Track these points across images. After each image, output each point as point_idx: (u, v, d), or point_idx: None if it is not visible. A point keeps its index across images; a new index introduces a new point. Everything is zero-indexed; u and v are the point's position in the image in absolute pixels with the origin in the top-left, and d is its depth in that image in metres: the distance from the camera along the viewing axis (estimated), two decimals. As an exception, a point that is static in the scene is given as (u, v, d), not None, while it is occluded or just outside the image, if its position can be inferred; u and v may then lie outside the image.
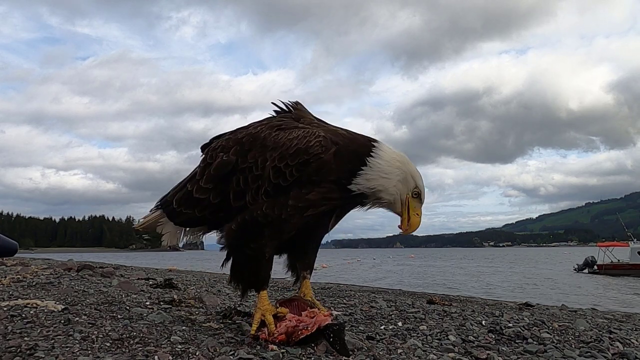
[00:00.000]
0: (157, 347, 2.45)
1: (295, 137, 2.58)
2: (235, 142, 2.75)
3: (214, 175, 2.78)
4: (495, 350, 2.83)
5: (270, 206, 2.60)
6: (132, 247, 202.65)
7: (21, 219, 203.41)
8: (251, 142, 2.69)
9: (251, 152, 2.66)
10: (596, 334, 3.58)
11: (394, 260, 65.48)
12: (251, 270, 2.78)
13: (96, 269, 7.03)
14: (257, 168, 2.61)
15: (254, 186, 2.62)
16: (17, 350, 2.23)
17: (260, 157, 2.61)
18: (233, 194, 2.69)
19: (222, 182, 2.74)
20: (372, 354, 2.58)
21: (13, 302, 3.28)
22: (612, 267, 33.31)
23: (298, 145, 2.54)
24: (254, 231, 2.67)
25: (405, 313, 4.11)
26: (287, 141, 2.58)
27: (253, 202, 2.65)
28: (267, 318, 2.68)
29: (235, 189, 2.68)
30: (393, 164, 2.72)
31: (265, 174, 2.59)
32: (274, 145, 2.60)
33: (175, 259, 52.42)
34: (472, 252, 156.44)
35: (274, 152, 2.58)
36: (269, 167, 2.58)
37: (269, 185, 2.59)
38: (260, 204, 2.63)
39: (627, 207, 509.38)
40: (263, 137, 2.66)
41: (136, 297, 4.19)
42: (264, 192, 2.60)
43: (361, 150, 2.71)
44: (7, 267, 7.05)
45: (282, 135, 2.62)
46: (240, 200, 2.67)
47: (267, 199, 2.61)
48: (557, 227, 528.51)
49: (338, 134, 2.73)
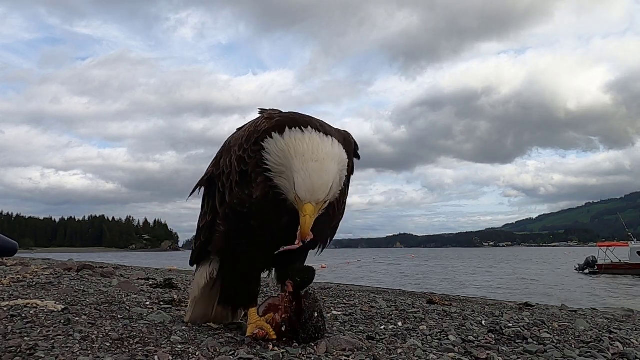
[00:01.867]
0: (157, 347, 2.45)
1: (248, 126, 2.80)
2: (213, 160, 3.01)
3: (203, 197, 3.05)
4: (495, 350, 2.83)
5: (241, 191, 2.70)
6: (132, 247, 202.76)
7: (21, 219, 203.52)
8: (221, 151, 2.94)
9: (222, 158, 2.88)
10: (596, 334, 3.58)
11: (393, 260, 65.46)
12: (241, 286, 2.88)
13: (96, 269, 7.04)
14: (227, 167, 2.80)
15: (227, 183, 2.79)
16: (17, 350, 2.23)
17: (227, 157, 2.81)
18: (218, 201, 2.86)
19: (211, 198, 2.94)
20: (372, 354, 2.58)
21: (13, 302, 3.28)
22: (611, 267, 33.35)
23: (249, 129, 2.73)
24: (240, 225, 2.73)
25: (405, 313, 4.11)
26: (242, 133, 2.80)
27: (230, 198, 2.77)
28: (263, 325, 2.72)
29: (218, 196, 2.86)
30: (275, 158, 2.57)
31: (233, 169, 2.74)
32: (234, 142, 2.80)
33: (175, 259, 52.41)
34: (472, 252, 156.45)
35: (235, 147, 2.76)
36: (234, 160, 2.73)
37: (237, 176, 2.72)
38: (233, 197, 2.74)
39: (627, 207, 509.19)
40: (227, 142, 2.92)
41: (136, 297, 4.19)
42: (235, 183, 2.73)
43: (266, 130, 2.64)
44: (7, 267, 7.06)
45: (237, 132, 2.90)
46: (223, 203, 2.83)
47: (238, 188, 2.72)
48: (557, 227, 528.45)
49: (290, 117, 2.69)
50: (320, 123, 2.74)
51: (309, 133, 2.56)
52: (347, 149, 2.79)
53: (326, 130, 2.68)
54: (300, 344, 2.64)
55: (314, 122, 2.71)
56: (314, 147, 2.52)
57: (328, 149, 2.55)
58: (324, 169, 2.49)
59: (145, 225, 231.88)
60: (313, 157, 2.49)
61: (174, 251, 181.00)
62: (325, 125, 2.76)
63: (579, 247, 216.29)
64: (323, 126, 2.71)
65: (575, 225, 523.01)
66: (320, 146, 2.54)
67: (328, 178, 2.48)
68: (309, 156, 2.49)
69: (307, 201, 2.44)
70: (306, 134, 2.56)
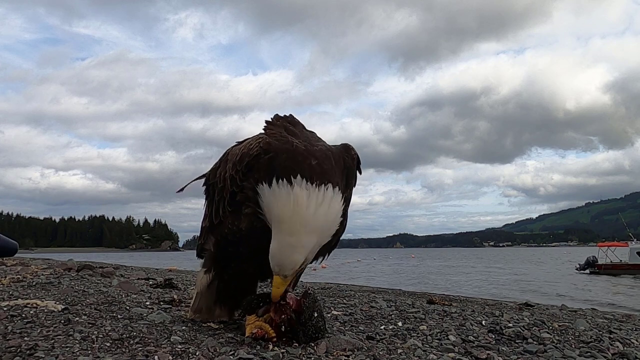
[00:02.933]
0: (157, 347, 2.45)
1: (244, 145, 2.71)
2: (214, 165, 2.98)
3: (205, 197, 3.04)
4: (495, 350, 2.83)
5: (233, 219, 2.71)
6: (132, 247, 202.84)
7: (21, 219, 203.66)
8: (220, 160, 2.91)
9: (219, 168, 2.86)
10: (596, 334, 3.58)
11: (393, 260, 65.45)
12: (238, 290, 2.90)
13: (96, 269, 7.03)
14: (220, 181, 2.78)
15: (219, 198, 2.79)
16: (17, 350, 2.23)
17: (222, 171, 2.78)
18: (214, 212, 2.86)
19: (210, 205, 2.94)
20: (372, 354, 2.58)
21: (13, 302, 3.28)
22: (611, 267, 33.40)
23: (243, 150, 2.66)
24: (230, 249, 2.78)
25: (405, 313, 4.10)
26: (237, 150, 2.72)
27: (223, 217, 2.78)
28: (262, 325, 2.73)
29: (214, 206, 2.86)
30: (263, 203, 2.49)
31: (225, 185, 2.72)
32: (230, 157, 2.76)
33: (175, 259, 52.41)
34: (472, 252, 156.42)
35: (230, 163, 2.73)
36: (227, 177, 2.71)
37: (228, 195, 2.71)
38: (226, 219, 2.76)
39: (627, 207, 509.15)
40: (226, 153, 2.88)
41: (136, 297, 4.19)
42: (227, 202, 2.72)
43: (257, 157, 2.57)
44: (7, 267, 7.05)
45: (235, 147, 2.80)
46: (217, 217, 2.83)
47: (230, 209, 2.72)
48: (557, 227, 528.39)
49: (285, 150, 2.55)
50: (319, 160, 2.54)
51: (298, 189, 2.39)
52: (350, 164, 2.80)
53: (322, 170, 2.49)
54: (300, 344, 2.64)
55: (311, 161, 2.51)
56: (295, 216, 2.37)
57: (309, 215, 2.39)
58: (298, 245, 2.40)
59: (145, 225, 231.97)
60: (290, 230, 2.38)
61: (174, 251, 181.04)
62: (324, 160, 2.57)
63: (579, 247, 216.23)
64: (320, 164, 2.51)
65: (576, 225, 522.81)
66: (303, 213, 2.38)
67: (299, 257, 2.43)
68: (286, 228, 2.39)
69: (275, 273, 2.48)
70: (293, 193, 2.38)
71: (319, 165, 2.52)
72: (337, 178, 2.61)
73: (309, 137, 2.81)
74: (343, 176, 2.73)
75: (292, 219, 2.38)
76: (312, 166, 2.49)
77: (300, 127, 2.92)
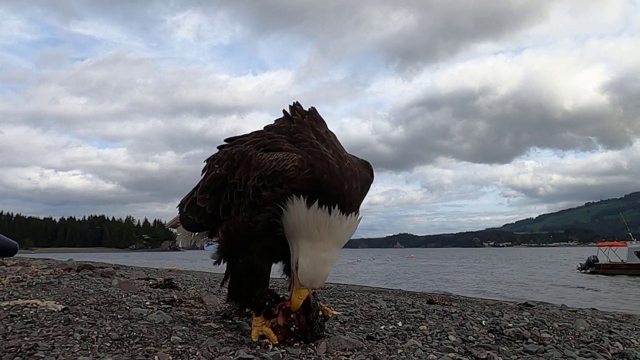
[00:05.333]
0: (157, 347, 2.46)
1: (275, 159, 2.62)
2: (228, 157, 2.86)
3: (207, 187, 2.96)
4: (495, 350, 2.83)
5: (248, 217, 2.70)
6: (132, 247, 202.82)
7: (21, 219, 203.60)
8: (240, 159, 2.77)
9: (238, 169, 2.75)
10: (596, 334, 3.58)
11: (393, 260, 65.45)
12: (249, 287, 2.86)
13: (96, 269, 7.04)
14: (240, 185, 2.71)
15: (237, 202, 2.74)
16: (17, 350, 2.23)
17: (244, 175, 2.70)
18: (222, 207, 2.82)
19: (215, 194, 2.88)
20: (372, 354, 2.58)
21: (13, 302, 3.28)
22: (610, 267, 33.47)
23: (275, 167, 2.59)
24: (239, 241, 2.80)
25: (405, 313, 4.10)
26: (267, 162, 2.63)
27: (235, 218, 2.77)
28: (265, 330, 2.72)
29: (224, 202, 2.81)
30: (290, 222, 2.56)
31: (246, 192, 2.68)
32: (256, 165, 2.67)
33: (175, 259, 52.39)
34: (472, 252, 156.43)
35: (255, 171, 2.65)
36: (249, 185, 2.66)
37: (248, 203, 2.68)
38: (240, 217, 2.75)
39: (627, 207, 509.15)
40: (249, 157, 2.73)
41: (136, 297, 4.19)
42: (244, 208, 2.71)
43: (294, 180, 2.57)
44: (7, 267, 7.06)
45: (264, 156, 2.67)
46: (227, 214, 2.81)
47: (247, 215, 2.71)
48: (557, 227, 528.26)
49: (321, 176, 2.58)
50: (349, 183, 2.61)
51: (334, 217, 2.50)
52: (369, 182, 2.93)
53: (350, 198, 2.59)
54: (307, 343, 2.66)
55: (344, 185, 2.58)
56: (330, 236, 2.53)
57: (345, 233, 2.58)
58: (329, 260, 2.56)
59: (145, 225, 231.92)
60: (324, 247, 2.53)
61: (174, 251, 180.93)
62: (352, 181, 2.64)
63: (579, 247, 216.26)
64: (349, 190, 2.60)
65: (576, 225, 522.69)
66: (337, 233, 2.55)
67: (329, 269, 2.58)
68: (320, 246, 2.53)
69: (305, 287, 2.58)
70: (330, 219, 2.50)
71: (349, 190, 2.60)
72: (359, 200, 2.74)
73: (336, 145, 2.80)
74: (363, 191, 2.84)
75: (327, 239, 2.53)
76: (346, 193, 2.58)
77: (324, 127, 2.91)
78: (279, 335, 2.69)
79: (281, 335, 2.69)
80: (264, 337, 2.70)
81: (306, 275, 2.54)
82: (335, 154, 2.67)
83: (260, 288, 2.86)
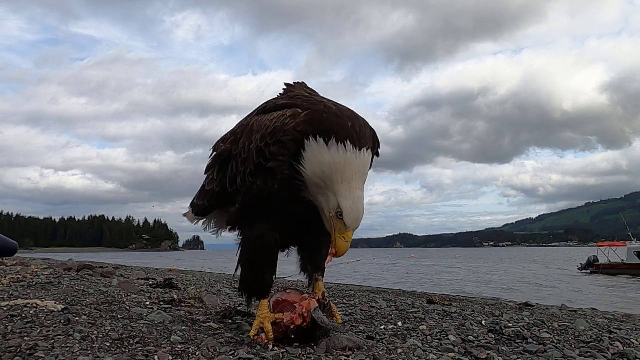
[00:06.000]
0: (157, 347, 2.46)
1: (274, 117, 2.69)
2: (232, 133, 2.95)
3: (213, 163, 3.01)
4: (495, 350, 2.83)
5: (262, 180, 2.70)
6: (132, 247, 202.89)
7: (21, 219, 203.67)
8: (242, 130, 2.86)
9: (242, 139, 2.81)
10: (596, 334, 3.58)
11: (393, 260, 65.45)
12: (258, 268, 2.87)
13: (96, 269, 7.03)
14: (244, 152, 2.75)
15: (242, 169, 2.76)
16: (17, 350, 2.23)
17: (247, 142, 2.75)
18: (229, 179, 2.85)
19: (222, 171, 2.92)
20: (372, 354, 2.58)
21: (13, 302, 3.28)
22: (609, 267, 33.53)
23: (275, 123, 2.64)
24: (256, 207, 2.78)
25: (405, 313, 4.10)
26: (267, 122, 2.70)
27: (242, 185, 2.77)
28: (265, 326, 2.73)
29: (230, 175, 2.84)
30: (315, 171, 2.54)
31: (250, 156, 2.71)
32: (257, 128, 2.73)
33: (175, 259, 52.40)
34: (472, 252, 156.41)
35: (257, 134, 2.70)
36: (253, 148, 2.70)
37: (253, 165, 2.70)
38: (251, 183, 2.73)
39: (627, 207, 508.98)
40: (251, 124, 2.81)
41: (136, 297, 4.19)
42: (250, 172, 2.71)
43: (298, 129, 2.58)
44: (7, 267, 7.06)
45: (264, 118, 2.75)
46: (233, 185, 2.82)
47: (253, 179, 2.72)
48: (557, 227, 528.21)
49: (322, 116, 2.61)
50: (352, 122, 2.63)
51: (352, 153, 2.52)
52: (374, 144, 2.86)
53: (359, 134, 2.59)
54: (315, 341, 2.67)
55: (347, 122, 2.60)
56: (358, 173, 2.56)
57: (365, 169, 2.61)
58: (363, 196, 2.61)
59: (145, 225, 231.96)
60: (358, 185, 2.57)
61: (174, 251, 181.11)
62: (354, 120, 2.66)
63: (579, 247, 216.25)
64: (354, 127, 2.60)
65: (576, 225, 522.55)
66: (363, 170, 2.58)
67: (364, 204, 2.60)
68: (355, 184, 2.55)
69: (352, 228, 2.58)
70: (349, 154, 2.51)
71: (354, 127, 2.62)
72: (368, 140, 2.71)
73: (330, 100, 2.85)
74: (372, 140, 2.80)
75: (357, 173, 2.55)
76: (352, 129, 2.59)
77: (315, 93, 2.99)
78: (279, 334, 2.68)
79: (281, 333, 2.69)
80: (262, 331, 2.70)
81: (352, 216, 2.53)
82: (330, 101, 2.75)
83: (269, 268, 2.86)
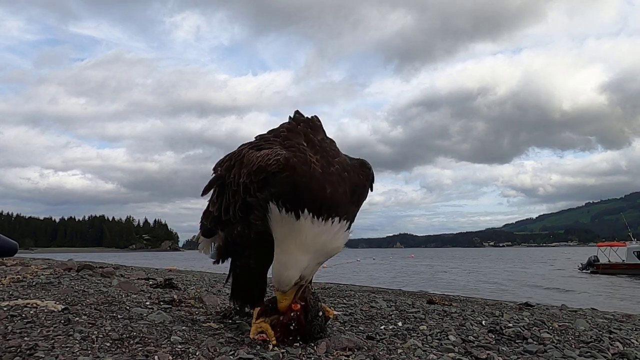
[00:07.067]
0: (157, 347, 2.46)
1: (261, 155, 2.66)
2: (229, 158, 2.95)
3: (209, 187, 3.05)
4: (495, 350, 2.83)
5: (243, 226, 2.80)
6: (132, 247, 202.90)
7: (21, 219, 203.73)
8: (235, 159, 2.86)
9: (234, 168, 2.82)
10: (596, 334, 3.58)
11: (394, 260, 65.43)
12: (247, 286, 2.99)
13: (96, 269, 7.03)
14: (234, 183, 2.77)
15: (233, 201, 2.79)
16: (17, 350, 2.23)
17: (237, 174, 2.76)
18: (223, 207, 2.88)
19: (220, 196, 2.94)
20: (372, 354, 2.58)
21: (13, 302, 3.28)
22: (609, 267, 33.57)
23: (260, 162, 2.62)
24: (236, 249, 2.95)
25: (405, 313, 4.10)
26: (254, 159, 2.67)
27: (233, 219, 2.82)
28: (264, 327, 2.76)
29: (224, 203, 2.87)
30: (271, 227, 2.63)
31: (239, 190, 2.73)
32: (246, 162, 2.72)
33: (175, 259, 52.40)
34: (472, 252, 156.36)
35: (245, 168, 2.71)
36: (241, 183, 2.71)
37: (240, 201, 2.74)
38: (236, 224, 2.83)
39: (627, 207, 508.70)
40: (243, 155, 2.80)
41: (136, 297, 4.19)
42: (239, 207, 2.76)
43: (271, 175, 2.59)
44: (7, 267, 7.05)
45: (254, 154, 2.72)
46: (227, 214, 2.85)
47: (241, 214, 2.77)
48: (557, 227, 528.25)
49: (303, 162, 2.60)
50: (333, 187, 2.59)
51: (303, 221, 2.51)
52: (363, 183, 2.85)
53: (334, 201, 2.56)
54: (305, 343, 2.66)
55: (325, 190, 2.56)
56: (292, 238, 2.54)
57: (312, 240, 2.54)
58: (290, 263, 2.55)
59: (145, 225, 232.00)
60: (285, 249, 2.58)
61: (174, 251, 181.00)
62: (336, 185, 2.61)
63: (579, 247, 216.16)
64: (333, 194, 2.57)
65: (576, 225, 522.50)
66: (301, 240, 2.53)
67: (293, 274, 2.56)
68: (283, 247, 2.59)
69: (275, 289, 2.66)
70: (297, 224, 2.51)
71: (331, 194, 2.58)
72: (347, 206, 2.68)
73: (328, 151, 2.78)
74: (354, 196, 2.77)
75: (287, 240, 2.57)
76: (324, 197, 2.55)
77: (321, 134, 2.90)
78: (278, 334, 2.69)
79: (280, 333, 2.69)
80: (263, 332, 2.72)
81: (273, 276, 2.63)
82: (322, 159, 2.68)
83: (259, 287, 2.97)
